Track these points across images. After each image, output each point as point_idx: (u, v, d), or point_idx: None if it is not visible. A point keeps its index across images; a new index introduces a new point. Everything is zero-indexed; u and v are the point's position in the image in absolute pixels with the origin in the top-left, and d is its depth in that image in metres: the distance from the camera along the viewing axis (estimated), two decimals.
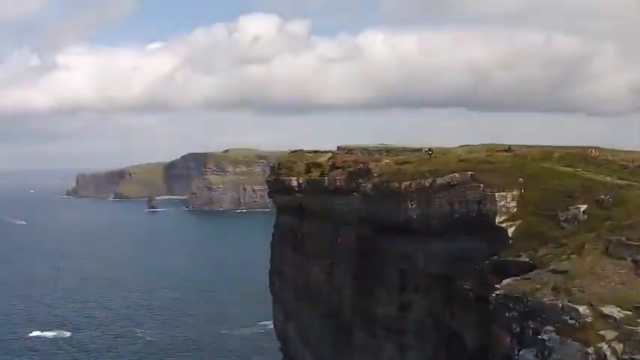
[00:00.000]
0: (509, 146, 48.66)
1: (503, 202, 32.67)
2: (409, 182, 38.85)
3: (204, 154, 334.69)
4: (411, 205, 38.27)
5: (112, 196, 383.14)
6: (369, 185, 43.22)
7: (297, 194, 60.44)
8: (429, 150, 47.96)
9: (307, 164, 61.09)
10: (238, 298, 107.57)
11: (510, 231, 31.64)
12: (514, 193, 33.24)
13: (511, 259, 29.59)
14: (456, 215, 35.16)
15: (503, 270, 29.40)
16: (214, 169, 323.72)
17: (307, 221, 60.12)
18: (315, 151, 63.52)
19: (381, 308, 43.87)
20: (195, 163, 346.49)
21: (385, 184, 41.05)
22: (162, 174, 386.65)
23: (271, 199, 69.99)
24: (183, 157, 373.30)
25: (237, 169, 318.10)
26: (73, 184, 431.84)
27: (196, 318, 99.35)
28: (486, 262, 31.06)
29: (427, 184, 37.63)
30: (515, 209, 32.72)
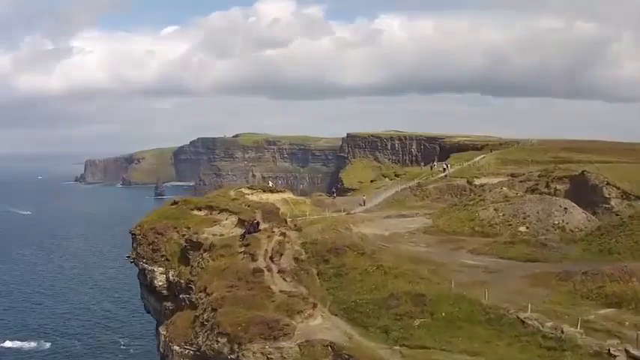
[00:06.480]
0: None
1: None
2: None
3: (214, 140, 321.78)
4: None
5: (120, 182, 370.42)
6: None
7: (166, 302, 34.41)
8: (444, 167, 28.21)
9: (186, 238, 33.69)
10: None
11: None
12: None
13: None
14: None
15: None
16: (223, 154, 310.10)
17: None
18: (216, 197, 35.66)
19: None
20: (205, 149, 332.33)
21: None
22: (171, 159, 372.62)
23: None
24: (193, 142, 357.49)
25: (247, 155, 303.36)
26: (83, 169, 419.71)
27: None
28: None
29: None
30: None
